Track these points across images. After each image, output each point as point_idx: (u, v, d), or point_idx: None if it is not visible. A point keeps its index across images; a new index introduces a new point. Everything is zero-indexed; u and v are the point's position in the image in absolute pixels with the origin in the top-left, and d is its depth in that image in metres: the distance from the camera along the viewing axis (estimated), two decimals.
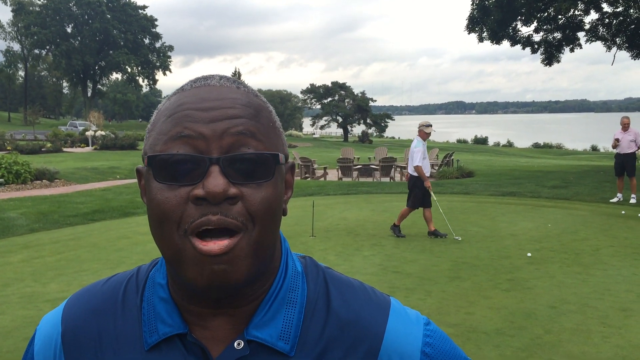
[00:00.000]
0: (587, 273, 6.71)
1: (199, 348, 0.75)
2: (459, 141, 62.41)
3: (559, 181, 15.68)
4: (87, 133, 34.64)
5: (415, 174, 8.82)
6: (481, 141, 60.58)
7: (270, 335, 0.75)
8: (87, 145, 33.22)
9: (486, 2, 21.73)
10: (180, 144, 0.70)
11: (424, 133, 8.87)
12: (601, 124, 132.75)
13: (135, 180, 18.06)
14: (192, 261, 0.68)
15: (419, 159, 8.74)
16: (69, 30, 73.17)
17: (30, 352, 0.86)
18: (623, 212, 10.82)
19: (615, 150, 12.30)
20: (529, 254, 7.49)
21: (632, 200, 11.75)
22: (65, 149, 30.23)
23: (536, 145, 55.51)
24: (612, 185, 13.57)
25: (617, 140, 11.90)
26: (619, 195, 12.12)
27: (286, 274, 0.79)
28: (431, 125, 9.06)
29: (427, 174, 8.85)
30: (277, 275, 0.79)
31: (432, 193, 8.90)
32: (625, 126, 11.80)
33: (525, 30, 23.14)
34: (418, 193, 8.82)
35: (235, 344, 0.74)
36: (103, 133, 34.13)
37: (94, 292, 0.85)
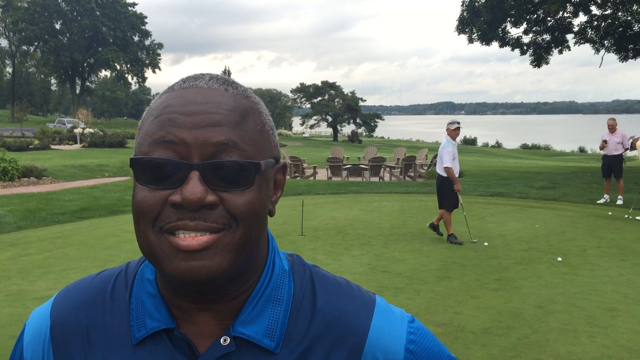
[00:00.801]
0: (574, 273, 6.76)
1: (186, 343, 0.76)
2: None
3: (547, 182, 15.79)
4: (75, 130, 34.39)
5: (444, 174, 8.55)
6: (470, 142, 60.82)
7: (256, 332, 0.76)
8: (75, 143, 32.99)
9: (476, 4, 21.83)
10: (162, 148, 0.70)
11: (450, 131, 8.59)
12: (589, 126, 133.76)
13: (124, 179, 17.99)
14: (167, 257, 0.69)
15: (448, 159, 8.46)
16: (57, 26, 72.62)
17: (20, 346, 0.86)
18: (610, 213, 10.92)
19: (602, 152, 12.40)
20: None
21: (619, 202, 11.85)
22: (53, 147, 29.99)
23: (524, 146, 55.82)
24: (599, 187, 13.69)
25: (604, 142, 12.00)
26: (606, 196, 12.23)
27: (273, 272, 0.80)
28: (457, 123, 8.73)
29: (457, 175, 8.62)
30: (264, 272, 0.79)
31: (459, 197, 8.61)
32: (612, 128, 11.90)
33: (514, 31, 23.36)
34: (449, 194, 8.55)
35: (222, 340, 0.75)
36: (91, 130, 33.96)
37: (83, 286, 0.85)
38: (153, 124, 0.72)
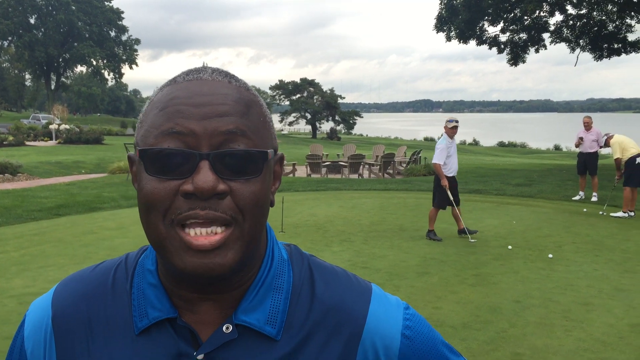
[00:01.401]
0: (551, 269, 6.88)
1: (189, 331, 0.77)
2: (426, 139, 62.98)
3: (523, 179, 15.99)
4: (50, 127, 33.90)
5: (444, 173, 8.56)
6: None
7: (258, 320, 0.78)
8: (51, 139, 32.53)
9: (454, 2, 22.00)
10: (171, 140, 0.71)
11: (448, 129, 8.62)
12: (564, 124, 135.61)
13: (101, 175, 17.80)
14: (177, 252, 0.70)
15: (438, 156, 8.52)
16: (32, 21, 71.44)
17: (20, 336, 0.86)
18: (585, 209, 11.11)
19: (578, 149, 12.60)
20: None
21: (594, 199, 12.06)
22: (28, 143, 29.55)
23: (501, 144, 56.38)
24: (574, 184, 13.91)
25: (580, 139, 12.19)
26: (581, 193, 12.43)
27: (272, 261, 0.82)
28: (454, 121, 8.70)
29: (453, 174, 8.63)
30: (264, 262, 0.81)
31: (449, 194, 8.54)
32: (588, 126, 12.10)
33: (492, 30, 23.52)
34: (440, 192, 8.57)
35: (224, 328, 0.77)
36: (67, 127, 33.48)
37: (84, 277, 0.86)
38: (159, 116, 0.73)
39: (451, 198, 8.59)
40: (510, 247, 7.79)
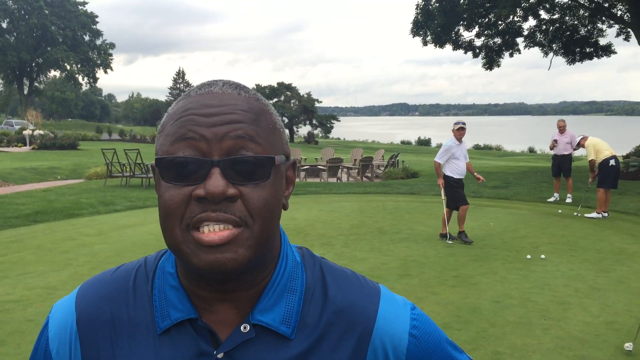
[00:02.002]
0: (528, 269, 7.02)
1: (208, 331, 0.82)
2: (403, 142, 63.38)
3: (500, 182, 16.22)
4: (24, 132, 33.41)
5: (450, 174, 8.66)
6: (425, 142, 61.72)
7: (274, 320, 0.82)
8: (25, 145, 32.08)
9: (430, 7, 22.24)
10: (184, 145, 0.76)
11: (454, 132, 8.69)
12: (537, 127, 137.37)
13: (78, 181, 17.63)
14: (193, 252, 0.75)
15: (440, 155, 8.72)
16: (4, 25, 70.21)
17: (44, 338, 0.90)
18: (560, 211, 11.32)
19: (552, 152, 12.84)
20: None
21: (568, 200, 12.30)
22: (1, 149, 29.09)
23: (477, 147, 56.95)
24: (549, 186, 14.16)
25: (554, 142, 12.42)
26: (556, 195, 12.67)
27: (287, 264, 0.87)
28: (461, 123, 8.73)
29: (460, 176, 8.70)
30: (278, 264, 0.86)
31: (442, 192, 8.75)
32: (562, 129, 12.34)
33: (467, 35, 23.78)
34: (450, 192, 8.67)
35: (242, 328, 0.81)
36: (41, 132, 33.04)
37: (105, 280, 0.90)
38: (174, 126, 0.79)
39: (443, 197, 8.73)
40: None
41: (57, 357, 0.88)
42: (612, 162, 10.53)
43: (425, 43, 23.41)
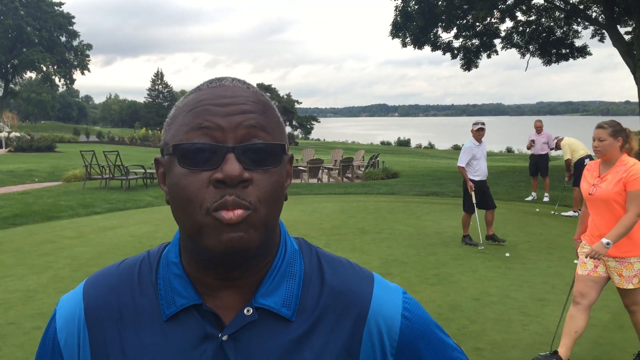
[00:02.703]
0: (507, 267, 7.13)
1: (213, 315, 0.86)
2: (382, 143, 63.68)
3: None
4: (0, 134, 32.95)
5: (471, 177, 8.43)
6: (404, 143, 62.11)
7: (275, 303, 0.87)
8: (1, 148, 31.63)
9: (409, 9, 22.39)
10: (200, 134, 0.81)
11: (474, 132, 8.49)
12: (515, 127, 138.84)
13: (56, 184, 17.44)
14: (212, 232, 0.79)
15: (462, 158, 8.42)
16: None
17: (52, 329, 0.93)
18: (537, 209, 11.50)
19: (529, 152, 13.03)
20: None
21: (546, 199, 12.49)
22: None
23: (456, 147, 57.37)
24: (526, 185, 14.37)
25: (532, 141, 12.61)
26: (533, 194, 12.86)
27: (286, 251, 0.92)
28: (480, 123, 8.52)
29: (482, 177, 8.48)
30: (278, 251, 0.91)
31: (473, 196, 8.39)
32: (539, 129, 12.53)
33: (445, 36, 24.00)
34: (466, 195, 8.50)
35: (245, 311, 0.86)
36: (18, 134, 32.61)
37: (111, 272, 0.95)
38: (188, 116, 0.84)
39: (474, 201, 8.41)
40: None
41: (65, 347, 0.91)
42: (587, 161, 10.71)
43: (404, 44, 23.56)
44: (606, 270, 4.12)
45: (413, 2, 22.24)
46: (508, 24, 25.58)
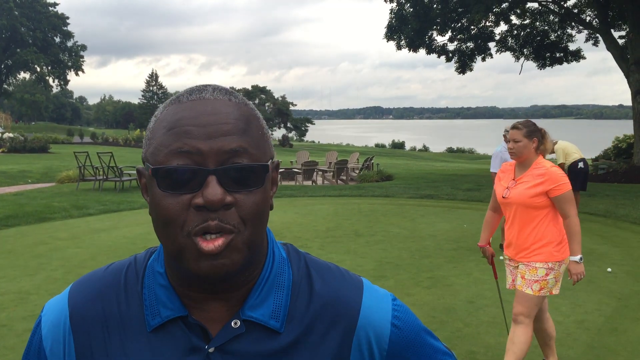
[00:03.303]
0: (501, 270, 7.12)
1: (200, 328, 0.85)
2: (377, 145, 63.75)
3: (473, 184, 16.43)
4: None
5: None
6: (399, 145, 62.21)
7: (263, 315, 0.86)
8: None
9: (404, 12, 22.44)
10: (179, 158, 0.78)
11: (505, 137, 8.01)
12: None
13: (49, 185, 17.35)
14: (193, 257, 0.78)
15: (493, 164, 8.16)
16: None
17: (37, 336, 0.91)
18: None
19: None
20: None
21: None
22: None
23: (450, 150, 57.57)
24: None
25: None
26: None
27: (274, 261, 0.90)
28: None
29: None
30: (266, 262, 0.89)
31: None
32: None
33: (440, 39, 24.09)
34: None
35: (232, 324, 0.85)
36: (11, 135, 32.47)
37: (97, 278, 0.93)
38: (167, 136, 0.80)
39: None
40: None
41: (51, 354, 0.89)
42: (580, 164, 10.76)
43: (399, 47, 23.61)
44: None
45: (408, 5, 22.29)
46: (503, 27, 25.77)
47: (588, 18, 22.12)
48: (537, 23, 23.62)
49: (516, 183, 3.85)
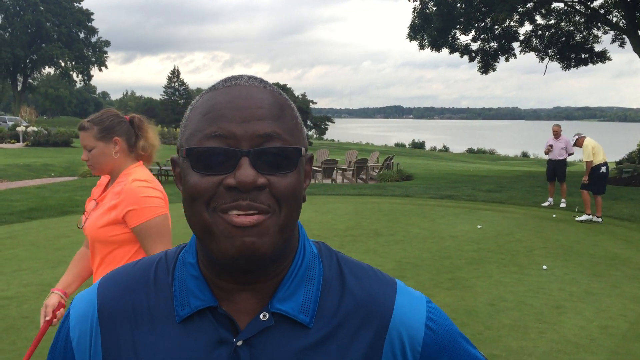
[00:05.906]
0: (523, 273, 7.04)
1: (228, 319, 0.83)
2: (397, 145, 63.49)
3: (494, 185, 16.28)
4: (17, 129, 33.26)
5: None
6: (419, 145, 61.87)
7: (292, 308, 0.84)
8: (18, 142, 31.92)
9: (427, 11, 22.30)
10: (214, 141, 0.78)
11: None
12: (531, 131, 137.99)
13: (71, 178, 17.56)
14: (222, 234, 0.77)
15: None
16: None
17: (65, 328, 0.91)
18: (554, 215, 11.37)
19: (547, 157, 12.90)
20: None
21: (562, 205, 12.35)
22: None
23: (470, 151, 57.13)
24: (543, 190, 14.22)
25: (550, 146, 12.48)
26: (550, 199, 12.72)
27: (304, 255, 0.89)
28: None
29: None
30: (296, 255, 0.88)
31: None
32: (557, 134, 12.40)
33: (463, 39, 23.94)
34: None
35: (261, 316, 0.83)
36: (35, 129, 32.90)
37: (126, 272, 0.92)
38: (202, 121, 0.80)
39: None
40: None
41: (77, 347, 0.89)
42: (603, 169, 10.63)
43: (422, 47, 23.48)
44: None
45: (431, 4, 22.14)
46: (527, 27, 25.51)
47: (614, 19, 21.76)
48: (563, 23, 23.31)
49: (96, 207, 2.54)
